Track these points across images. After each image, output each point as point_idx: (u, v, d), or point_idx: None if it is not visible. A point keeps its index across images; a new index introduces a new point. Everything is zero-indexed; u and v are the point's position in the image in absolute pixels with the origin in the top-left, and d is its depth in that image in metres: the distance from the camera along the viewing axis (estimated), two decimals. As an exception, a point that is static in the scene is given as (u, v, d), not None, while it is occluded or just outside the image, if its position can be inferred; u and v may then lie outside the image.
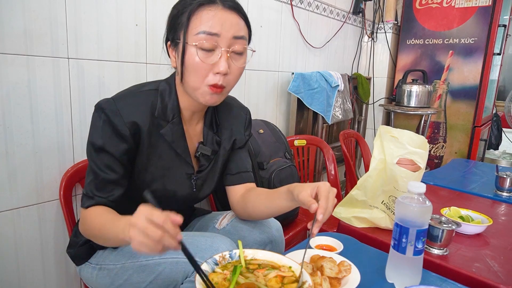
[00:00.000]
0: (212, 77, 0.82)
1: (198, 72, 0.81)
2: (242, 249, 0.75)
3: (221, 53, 0.80)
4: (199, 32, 0.79)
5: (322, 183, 0.78)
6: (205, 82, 0.82)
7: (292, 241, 1.55)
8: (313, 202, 0.74)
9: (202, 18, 0.79)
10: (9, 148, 1.04)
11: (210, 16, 0.79)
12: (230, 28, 0.81)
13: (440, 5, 2.79)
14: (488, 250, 1.02)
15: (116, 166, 0.84)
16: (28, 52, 1.04)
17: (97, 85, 1.22)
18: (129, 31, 1.29)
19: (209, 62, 0.81)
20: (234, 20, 0.82)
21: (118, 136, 0.83)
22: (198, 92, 0.84)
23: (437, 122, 2.93)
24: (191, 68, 0.81)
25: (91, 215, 0.83)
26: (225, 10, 0.81)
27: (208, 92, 0.83)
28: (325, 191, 0.76)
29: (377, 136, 1.15)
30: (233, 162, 1.03)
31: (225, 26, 0.80)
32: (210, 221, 1.08)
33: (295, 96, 2.12)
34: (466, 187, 1.62)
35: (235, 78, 0.86)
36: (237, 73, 0.86)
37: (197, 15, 0.80)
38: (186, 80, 0.84)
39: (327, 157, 2.00)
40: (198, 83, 0.83)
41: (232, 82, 0.86)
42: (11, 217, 1.08)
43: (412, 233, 0.79)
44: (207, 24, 0.79)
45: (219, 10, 0.80)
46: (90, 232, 0.84)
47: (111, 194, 0.85)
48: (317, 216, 0.73)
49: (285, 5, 2.05)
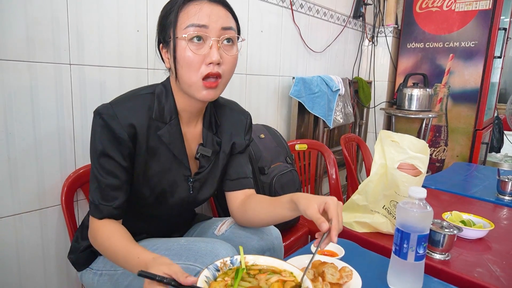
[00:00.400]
0: (205, 68, 0.82)
1: (191, 65, 0.81)
2: (243, 255, 0.75)
3: (211, 43, 0.81)
4: (188, 26, 0.80)
5: (329, 199, 0.78)
6: (198, 74, 0.82)
7: (293, 246, 1.55)
8: (323, 221, 0.75)
9: (189, 13, 0.80)
10: (11, 153, 1.05)
11: (197, 9, 0.80)
12: (218, 19, 0.81)
13: (440, 8, 2.80)
14: (490, 255, 1.02)
15: (118, 171, 0.84)
16: (30, 58, 1.05)
17: (98, 91, 1.23)
18: (131, 36, 1.30)
19: (200, 53, 0.81)
20: (220, 12, 0.83)
21: (116, 140, 0.83)
22: (193, 87, 0.84)
23: (438, 126, 2.93)
24: (184, 62, 0.82)
25: (102, 232, 0.83)
26: (211, 3, 0.82)
27: (203, 87, 0.83)
28: (335, 209, 0.76)
29: (378, 141, 1.15)
30: (233, 167, 1.03)
31: (212, 18, 0.81)
32: (209, 227, 1.08)
33: (296, 101, 2.12)
34: (467, 191, 1.62)
35: (230, 68, 0.86)
36: (230, 62, 0.86)
37: (184, 10, 0.81)
38: (181, 77, 0.84)
39: (328, 161, 1.99)
40: (192, 77, 0.82)
41: (227, 72, 0.86)
42: (13, 223, 1.08)
43: (413, 239, 0.79)
44: (194, 17, 0.80)
45: (205, 3, 0.81)
46: (100, 248, 0.85)
47: (114, 201, 0.85)
48: (332, 238, 0.73)
49: (286, 9, 2.06)
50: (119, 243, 0.80)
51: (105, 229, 0.84)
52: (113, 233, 0.83)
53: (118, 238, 0.81)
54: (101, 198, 0.84)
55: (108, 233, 0.83)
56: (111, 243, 0.81)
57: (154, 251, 0.89)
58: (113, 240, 0.81)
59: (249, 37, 1.84)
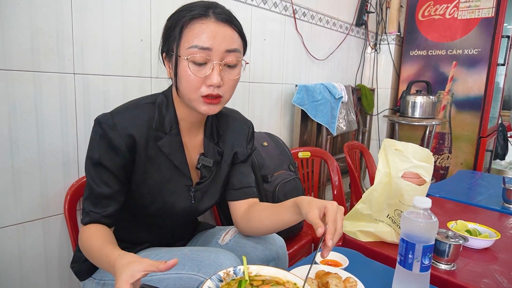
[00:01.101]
0: (205, 88, 0.82)
1: (191, 84, 0.82)
2: (246, 265, 0.75)
3: (213, 66, 0.81)
4: (191, 46, 0.80)
5: (329, 203, 0.77)
6: (198, 93, 0.82)
7: (297, 254, 1.54)
8: (320, 225, 0.73)
9: (194, 32, 0.80)
10: (15, 163, 1.05)
11: (203, 29, 0.79)
12: (223, 41, 0.81)
13: (443, 16, 2.81)
14: (497, 265, 1.00)
15: (112, 181, 0.84)
16: (35, 68, 1.06)
17: (102, 100, 1.23)
18: (134, 46, 1.31)
19: (201, 75, 0.81)
20: (227, 33, 0.82)
21: (113, 150, 0.83)
22: (194, 102, 0.84)
23: (442, 133, 2.92)
24: (184, 80, 0.82)
25: (85, 234, 0.83)
26: (218, 23, 0.81)
27: (203, 103, 0.84)
28: (333, 214, 0.75)
29: (382, 150, 1.14)
30: (236, 177, 1.02)
31: (217, 40, 0.80)
32: (213, 236, 1.07)
33: (299, 108, 2.13)
34: (472, 199, 1.61)
35: (230, 88, 0.86)
36: (231, 84, 0.86)
37: (189, 28, 0.80)
38: (181, 92, 0.85)
39: (332, 168, 1.99)
40: (192, 94, 0.83)
41: (228, 92, 0.86)
42: (16, 232, 1.08)
43: (418, 249, 0.78)
44: (199, 38, 0.79)
45: (211, 23, 0.80)
46: (83, 252, 0.85)
47: (105, 209, 0.85)
48: (327, 242, 0.72)
49: (289, 18, 2.07)
50: (96, 244, 0.79)
51: (87, 232, 0.83)
52: (93, 235, 0.82)
53: (96, 239, 0.80)
54: (91, 205, 0.85)
55: (88, 235, 0.82)
56: (90, 245, 0.80)
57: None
58: (92, 242, 0.80)
59: (252, 45, 1.85)
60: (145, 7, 1.33)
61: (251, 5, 1.79)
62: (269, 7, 1.91)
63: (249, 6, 1.78)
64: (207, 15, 0.80)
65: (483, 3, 2.63)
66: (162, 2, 1.38)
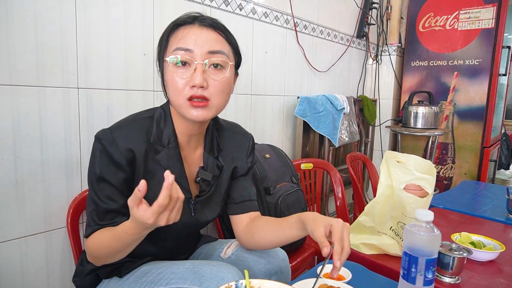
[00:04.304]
0: (188, 90, 0.82)
1: (176, 88, 0.82)
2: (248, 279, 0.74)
3: (195, 67, 0.81)
4: (174, 49, 0.82)
5: (335, 221, 0.77)
6: (183, 96, 0.82)
7: (300, 267, 1.53)
8: (326, 245, 0.73)
9: (177, 37, 0.83)
10: (19, 177, 1.06)
11: (185, 33, 0.82)
12: (205, 43, 0.82)
13: (443, 27, 2.83)
14: (502, 278, 0.99)
15: (116, 196, 0.85)
16: (40, 83, 1.07)
17: (105, 114, 1.25)
18: (137, 60, 1.33)
19: (184, 77, 0.81)
20: (210, 36, 0.83)
21: (114, 165, 0.84)
22: (182, 108, 0.84)
23: (445, 143, 2.91)
24: (170, 84, 0.84)
25: (95, 236, 0.84)
26: (201, 27, 0.83)
27: (190, 107, 0.83)
28: (339, 232, 0.75)
29: (383, 162, 1.14)
30: (237, 190, 1.03)
31: (198, 41, 0.81)
32: (215, 249, 1.07)
33: (301, 120, 2.13)
34: (476, 210, 1.59)
35: (218, 92, 0.84)
36: (218, 87, 0.84)
37: (174, 35, 0.84)
38: (170, 98, 0.86)
39: (334, 180, 1.98)
40: (178, 99, 0.83)
41: (216, 96, 0.84)
42: (19, 246, 1.09)
43: (421, 263, 0.78)
44: (181, 41, 0.82)
45: (194, 28, 0.83)
46: (98, 252, 0.85)
47: (113, 221, 0.85)
48: (335, 262, 0.72)
49: (290, 31, 2.09)
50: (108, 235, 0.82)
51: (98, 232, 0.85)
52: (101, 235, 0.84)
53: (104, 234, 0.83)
54: (98, 219, 0.85)
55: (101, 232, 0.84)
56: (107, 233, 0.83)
57: (159, 274, 0.89)
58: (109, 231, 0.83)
59: (254, 58, 1.87)
60: (148, 21, 1.35)
61: (252, 18, 1.81)
62: (270, 21, 1.93)
63: (250, 19, 1.81)
64: (191, 22, 0.84)
65: (483, 14, 2.65)
66: (165, 16, 1.40)
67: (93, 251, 0.85)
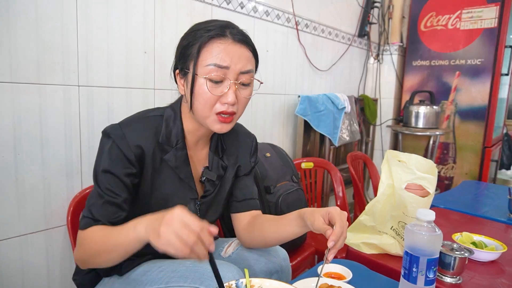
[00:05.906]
0: (219, 106, 0.85)
1: (207, 102, 0.84)
2: (248, 278, 0.74)
3: (229, 85, 0.83)
4: (209, 64, 0.82)
5: (332, 208, 0.80)
6: (213, 110, 0.85)
7: (300, 266, 1.52)
8: (328, 228, 0.78)
9: (212, 51, 0.82)
10: (19, 174, 1.06)
11: (221, 49, 0.82)
12: (239, 61, 0.84)
13: (445, 27, 2.82)
14: (504, 279, 0.99)
15: (120, 189, 0.84)
16: (40, 81, 1.07)
17: (106, 111, 1.25)
18: (138, 58, 1.33)
19: (217, 93, 0.83)
20: (243, 53, 0.85)
21: (124, 159, 0.84)
22: (208, 120, 0.86)
23: (446, 143, 2.90)
24: (200, 98, 0.84)
25: (91, 232, 0.81)
26: (235, 43, 0.84)
27: (218, 121, 0.86)
28: (337, 216, 0.79)
29: (385, 161, 1.13)
30: (239, 189, 1.03)
31: (234, 60, 0.83)
32: (215, 248, 1.07)
33: (302, 119, 2.13)
34: (478, 210, 1.59)
35: (243, 106, 0.90)
36: (244, 102, 0.89)
37: (207, 47, 0.82)
38: (195, 109, 0.87)
39: (335, 179, 1.98)
40: (207, 112, 0.85)
41: (240, 110, 0.90)
42: (19, 244, 1.08)
43: (422, 262, 0.77)
44: (217, 57, 0.82)
45: (229, 43, 0.83)
46: (90, 250, 0.81)
47: (112, 217, 0.83)
48: (328, 243, 0.75)
49: (291, 29, 2.09)
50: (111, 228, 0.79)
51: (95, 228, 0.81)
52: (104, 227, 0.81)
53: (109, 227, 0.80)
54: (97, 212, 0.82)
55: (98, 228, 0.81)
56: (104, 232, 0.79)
57: (160, 272, 0.89)
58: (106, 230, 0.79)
59: (255, 57, 1.86)
60: (149, 20, 1.35)
61: (254, 17, 1.81)
62: (271, 19, 1.93)
63: (251, 18, 1.80)
64: (224, 35, 0.83)
65: (485, 13, 2.64)
66: (166, 15, 1.40)
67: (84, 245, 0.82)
